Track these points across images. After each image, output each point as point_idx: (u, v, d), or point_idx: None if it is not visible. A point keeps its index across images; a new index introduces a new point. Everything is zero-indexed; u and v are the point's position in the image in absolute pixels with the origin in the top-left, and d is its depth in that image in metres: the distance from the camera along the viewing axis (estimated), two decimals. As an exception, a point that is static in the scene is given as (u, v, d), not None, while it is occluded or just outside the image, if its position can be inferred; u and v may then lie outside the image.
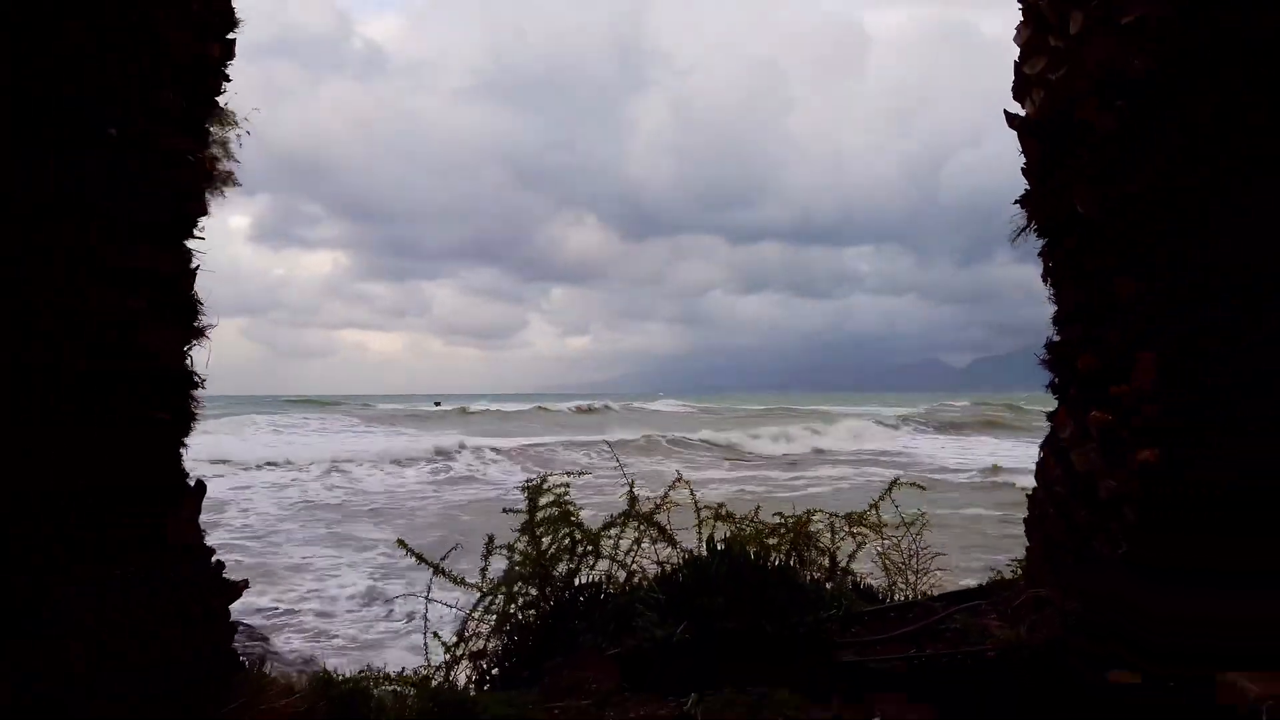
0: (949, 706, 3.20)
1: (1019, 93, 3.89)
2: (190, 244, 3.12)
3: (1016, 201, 3.93)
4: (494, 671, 4.31)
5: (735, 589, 3.90)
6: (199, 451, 3.40)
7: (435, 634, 4.38)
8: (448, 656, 4.27)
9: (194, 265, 3.09)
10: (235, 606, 3.16)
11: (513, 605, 4.37)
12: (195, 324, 3.05)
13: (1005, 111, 3.97)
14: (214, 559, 3.01)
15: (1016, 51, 4.09)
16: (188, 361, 3.03)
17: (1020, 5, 3.86)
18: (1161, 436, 3.30)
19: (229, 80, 3.24)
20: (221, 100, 3.24)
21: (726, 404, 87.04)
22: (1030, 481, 4.25)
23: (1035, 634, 3.49)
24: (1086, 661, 3.36)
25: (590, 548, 4.53)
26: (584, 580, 4.46)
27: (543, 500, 4.40)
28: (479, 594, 4.41)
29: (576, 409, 69.57)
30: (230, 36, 3.16)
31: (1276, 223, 2.99)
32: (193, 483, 3.00)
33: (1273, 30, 3.05)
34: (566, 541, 4.46)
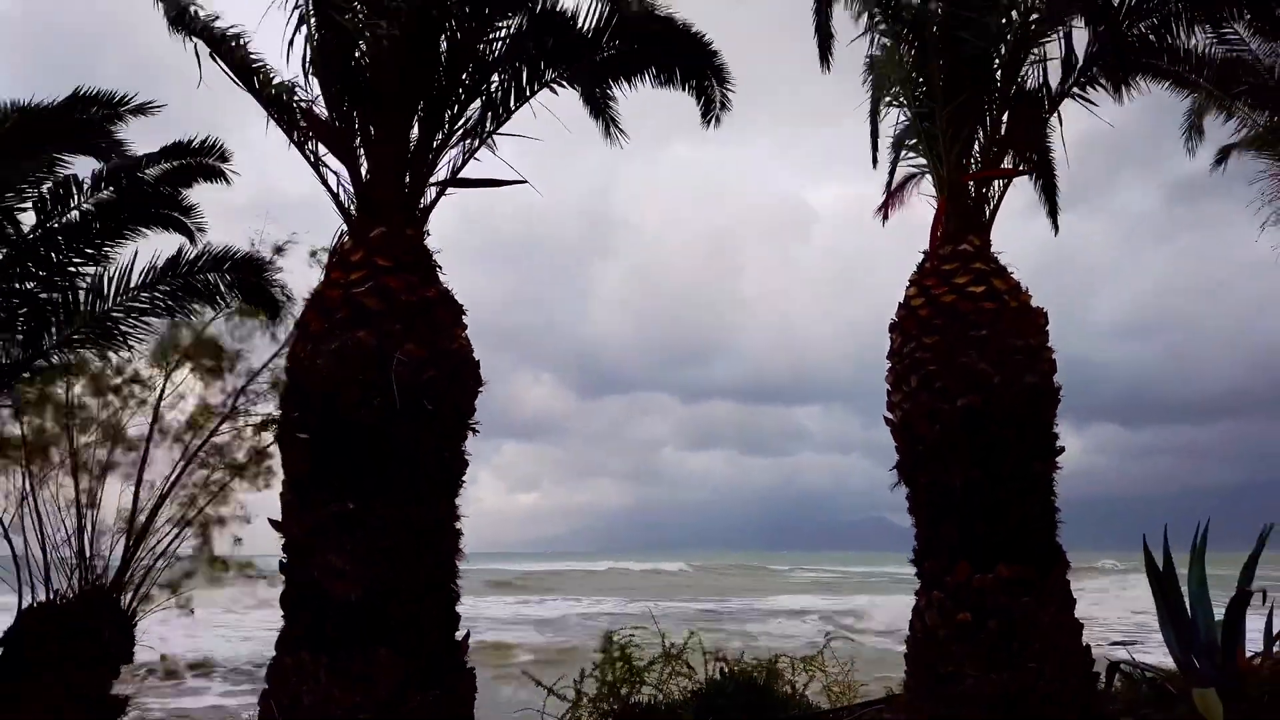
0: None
1: (890, 408, 6.97)
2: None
3: (892, 469, 6.92)
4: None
5: (736, 698, 6.58)
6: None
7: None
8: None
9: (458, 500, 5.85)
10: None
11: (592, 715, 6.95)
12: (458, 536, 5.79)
13: (884, 416, 7.03)
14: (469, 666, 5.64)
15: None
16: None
17: (889, 362, 7.00)
18: (969, 608, 6.21)
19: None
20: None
21: (700, 562, 78.81)
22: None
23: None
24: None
25: (639, 679, 7.17)
26: (638, 698, 7.07)
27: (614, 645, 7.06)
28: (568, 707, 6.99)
29: (643, 570, 63.74)
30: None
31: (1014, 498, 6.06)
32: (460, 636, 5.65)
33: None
34: (627, 673, 7.10)
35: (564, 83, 7.23)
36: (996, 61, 6.68)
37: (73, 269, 7.42)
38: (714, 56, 6.97)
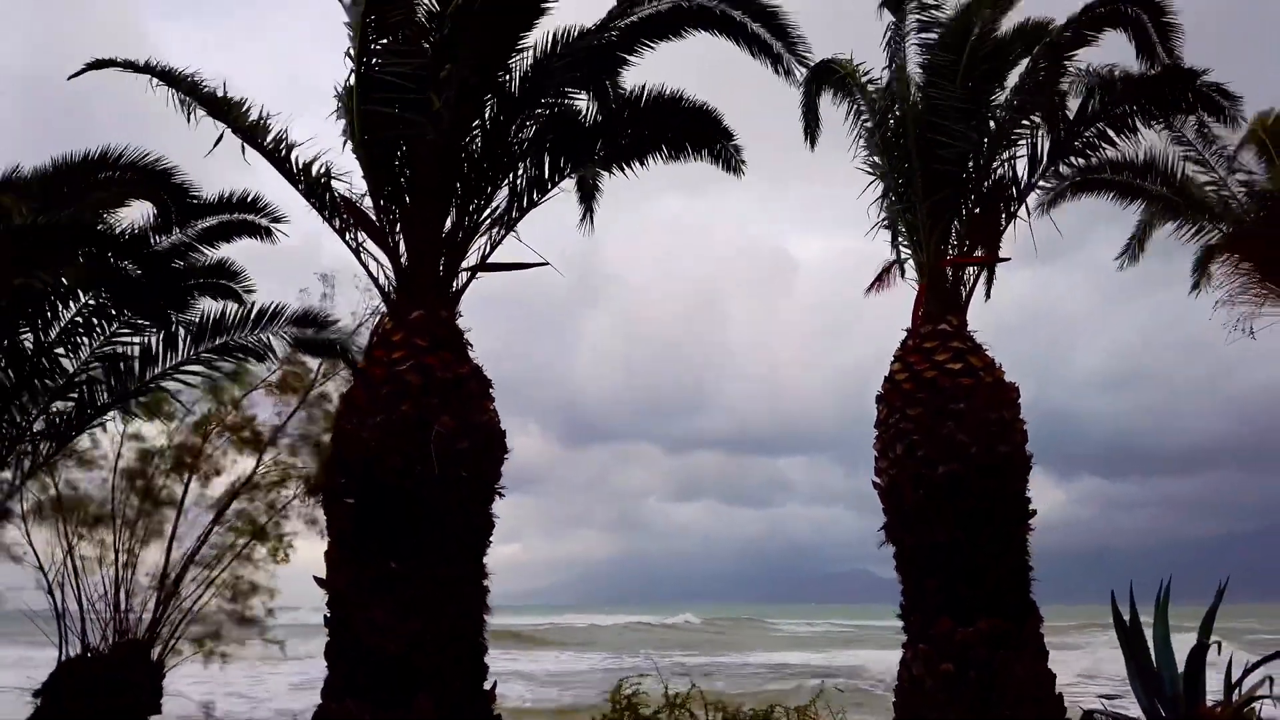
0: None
1: (877, 473, 7.59)
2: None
3: (880, 529, 7.52)
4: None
5: (739, 745, 7.07)
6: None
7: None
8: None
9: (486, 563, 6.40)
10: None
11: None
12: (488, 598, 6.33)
13: (872, 480, 7.65)
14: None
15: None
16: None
17: (876, 431, 7.64)
18: (952, 659, 6.77)
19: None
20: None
21: (696, 614, 73.15)
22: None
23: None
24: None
25: (645, 726, 7.65)
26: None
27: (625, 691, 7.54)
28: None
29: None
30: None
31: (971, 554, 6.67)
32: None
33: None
34: (634, 721, 7.57)
35: (580, 172, 7.97)
36: (970, 164, 7.46)
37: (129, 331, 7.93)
38: (721, 124, 7.65)
